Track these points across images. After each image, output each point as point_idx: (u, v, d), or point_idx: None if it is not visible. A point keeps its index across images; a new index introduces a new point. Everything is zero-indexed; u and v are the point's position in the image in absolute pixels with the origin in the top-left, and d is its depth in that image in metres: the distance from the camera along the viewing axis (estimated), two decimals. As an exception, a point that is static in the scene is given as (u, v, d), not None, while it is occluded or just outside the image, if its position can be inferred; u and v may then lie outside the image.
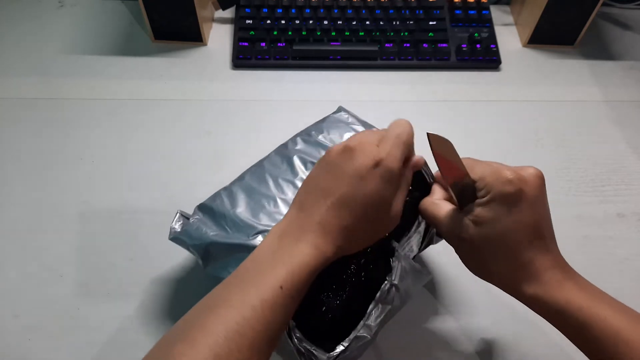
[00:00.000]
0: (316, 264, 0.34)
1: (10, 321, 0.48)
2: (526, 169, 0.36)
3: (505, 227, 0.34)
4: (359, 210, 0.35)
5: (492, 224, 0.34)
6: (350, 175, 0.35)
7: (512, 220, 0.34)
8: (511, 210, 0.34)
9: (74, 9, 0.76)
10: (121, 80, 0.68)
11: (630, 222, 0.57)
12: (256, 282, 0.32)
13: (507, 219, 0.34)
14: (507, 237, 0.34)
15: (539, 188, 0.35)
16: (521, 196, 0.34)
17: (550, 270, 0.34)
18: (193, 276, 0.51)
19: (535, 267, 0.34)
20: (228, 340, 0.29)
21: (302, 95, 0.67)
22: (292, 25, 0.71)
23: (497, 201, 0.34)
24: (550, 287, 0.34)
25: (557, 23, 0.71)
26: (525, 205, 0.34)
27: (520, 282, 0.35)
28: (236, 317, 0.30)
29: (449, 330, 0.49)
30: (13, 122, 0.63)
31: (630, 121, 0.67)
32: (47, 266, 0.52)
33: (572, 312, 0.33)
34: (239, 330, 0.30)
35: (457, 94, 0.69)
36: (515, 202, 0.34)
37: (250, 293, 0.32)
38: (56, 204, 0.56)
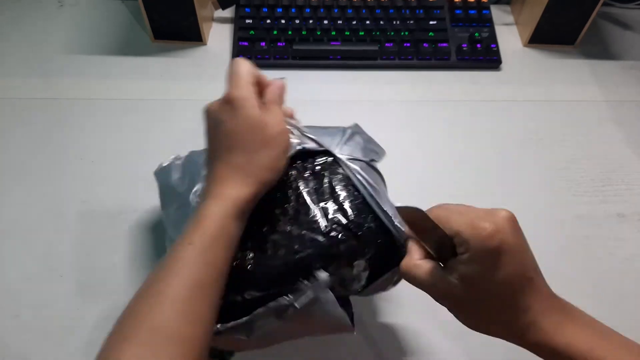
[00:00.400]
0: (225, 209, 0.36)
1: (10, 321, 0.48)
2: (498, 214, 0.34)
3: (494, 281, 0.33)
4: (234, 145, 0.38)
5: (479, 281, 0.34)
6: (213, 124, 0.40)
7: (500, 273, 0.33)
8: (496, 264, 0.33)
9: (74, 9, 0.76)
10: (121, 80, 0.68)
11: (631, 222, 0.57)
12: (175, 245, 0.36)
13: (494, 273, 0.33)
14: (498, 291, 0.34)
15: (517, 232, 0.34)
16: (503, 248, 0.33)
17: (547, 312, 0.34)
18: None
19: (532, 313, 0.34)
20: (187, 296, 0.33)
21: (302, 95, 0.67)
22: (292, 25, 0.71)
23: (480, 258, 0.33)
24: (549, 333, 0.34)
25: (558, 23, 0.71)
26: (509, 256, 0.33)
27: (520, 331, 0.34)
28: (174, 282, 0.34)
29: (449, 329, 0.49)
30: (13, 122, 0.63)
31: (631, 121, 0.67)
32: (47, 266, 0.52)
33: (574, 357, 0.33)
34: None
35: (457, 93, 0.69)
36: (498, 256, 0.33)
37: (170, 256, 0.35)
38: (56, 204, 0.56)
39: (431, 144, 0.63)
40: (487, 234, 0.33)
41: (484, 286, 0.34)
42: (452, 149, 0.63)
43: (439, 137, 0.64)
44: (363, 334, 0.49)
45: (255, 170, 0.38)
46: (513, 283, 0.34)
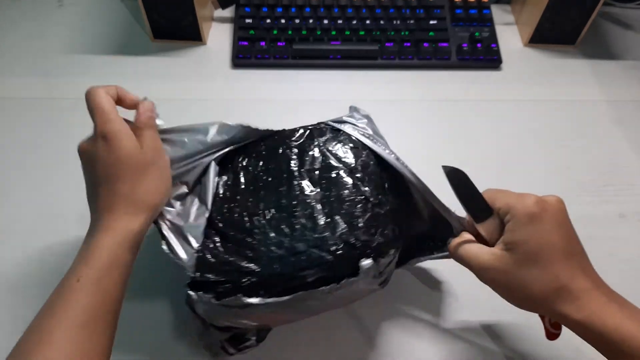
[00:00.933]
0: (116, 240, 0.36)
1: (10, 321, 0.48)
2: (548, 196, 0.37)
3: (537, 244, 0.35)
4: (116, 176, 0.38)
5: (523, 246, 0.35)
6: (91, 162, 0.39)
7: (542, 238, 0.35)
8: (538, 229, 0.35)
9: (74, 8, 0.76)
10: (121, 80, 0.67)
11: (632, 222, 0.57)
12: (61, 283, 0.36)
13: (537, 236, 0.35)
14: (541, 255, 0.35)
15: (562, 211, 0.36)
16: (545, 215, 0.35)
17: (595, 293, 0.34)
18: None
19: (577, 289, 0.34)
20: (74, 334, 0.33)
21: (302, 95, 0.67)
22: (292, 25, 0.70)
23: (523, 222, 0.35)
24: (596, 312, 0.34)
25: (558, 22, 0.71)
26: (550, 224, 0.35)
27: (563, 304, 0.34)
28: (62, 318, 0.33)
29: (449, 330, 0.49)
30: (13, 122, 0.63)
31: (631, 121, 0.67)
32: (47, 266, 0.52)
33: (625, 338, 0.33)
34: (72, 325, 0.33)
35: (458, 93, 0.68)
36: (540, 221, 0.35)
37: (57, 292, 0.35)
38: (56, 204, 0.56)
39: (431, 143, 0.63)
40: (531, 202, 0.35)
41: (528, 249, 0.35)
42: (452, 149, 0.63)
43: (439, 137, 0.64)
44: (363, 335, 0.49)
45: (142, 197, 0.38)
46: (556, 249, 0.35)
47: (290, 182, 0.43)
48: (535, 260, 0.35)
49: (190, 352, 0.47)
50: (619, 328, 0.33)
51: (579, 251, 0.36)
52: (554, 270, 0.34)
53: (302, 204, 0.41)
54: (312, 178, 0.43)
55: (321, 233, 0.39)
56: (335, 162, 0.44)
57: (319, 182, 0.43)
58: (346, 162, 0.44)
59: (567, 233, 0.36)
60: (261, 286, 0.38)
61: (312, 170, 0.43)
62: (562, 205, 0.36)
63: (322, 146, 0.45)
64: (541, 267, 0.34)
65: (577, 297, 0.34)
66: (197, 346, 0.47)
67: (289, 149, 0.45)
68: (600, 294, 0.34)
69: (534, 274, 0.35)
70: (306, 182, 0.43)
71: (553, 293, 0.34)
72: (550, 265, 0.34)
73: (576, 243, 0.36)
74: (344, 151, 0.45)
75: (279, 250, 0.39)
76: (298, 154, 0.45)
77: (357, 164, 0.44)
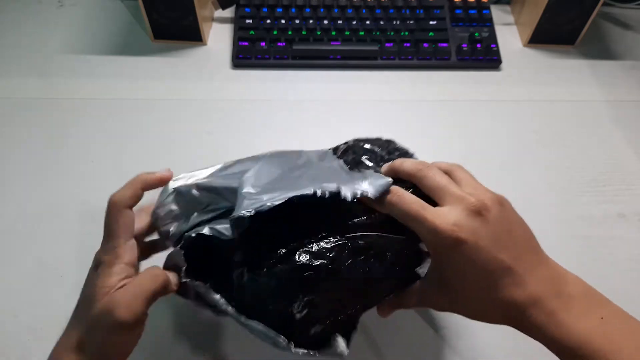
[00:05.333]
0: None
1: (10, 321, 0.48)
2: (453, 210, 0.34)
3: (464, 279, 0.33)
4: (79, 317, 0.36)
5: (452, 281, 0.34)
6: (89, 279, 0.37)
7: (466, 270, 0.33)
8: (457, 261, 0.33)
9: (74, 8, 0.76)
10: (121, 80, 0.68)
11: (631, 222, 0.57)
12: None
13: (459, 271, 0.33)
14: (472, 288, 0.33)
15: (481, 223, 0.33)
16: (461, 246, 0.32)
17: (538, 304, 0.32)
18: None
19: (518, 305, 0.32)
20: None
21: (302, 95, 0.67)
22: (292, 25, 0.71)
23: (440, 260, 0.34)
24: (542, 324, 0.32)
25: (558, 23, 0.71)
26: (470, 252, 0.32)
27: (514, 322, 0.33)
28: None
29: (449, 330, 0.49)
30: (13, 122, 0.63)
31: (631, 121, 0.67)
32: (47, 266, 0.52)
33: (570, 349, 0.31)
34: None
35: (457, 94, 0.68)
36: (457, 253, 0.33)
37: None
38: (56, 204, 0.56)
39: (431, 144, 0.63)
40: (443, 236, 0.32)
41: (459, 286, 0.34)
42: (452, 149, 0.63)
43: (439, 137, 0.64)
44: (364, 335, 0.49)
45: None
46: (484, 278, 0.32)
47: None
48: (470, 294, 0.33)
49: (191, 352, 0.47)
50: (564, 337, 0.31)
51: (510, 263, 0.32)
52: (492, 300, 0.33)
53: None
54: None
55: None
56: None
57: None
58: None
59: (488, 251, 0.32)
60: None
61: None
62: (477, 214, 0.33)
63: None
64: (478, 299, 0.33)
65: (521, 314, 0.32)
66: (198, 346, 0.47)
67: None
68: (545, 303, 0.32)
69: (476, 306, 0.34)
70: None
71: (500, 317, 0.34)
72: (486, 295, 0.33)
73: (503, 254, 0.32)
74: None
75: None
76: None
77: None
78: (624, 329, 0.31)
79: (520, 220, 0.36)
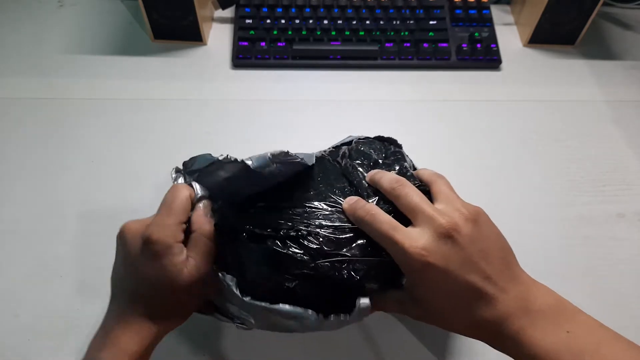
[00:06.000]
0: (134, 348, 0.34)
1: (10, 321, 0.48)
2: (420, 231, 0.35)
3: (437, 299, 0.34)
4: (148, 297, 0.35)
5: (426, 298, 0.35)
6: (127, 264, 0.36)
7: (437, 292, 0.34)
8: (428, 284, 0.34)
9: (74, 8, 0.76)
10: (121, 80, 0.68)
11: (631, 222, 0.57)
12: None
13: (431, 291, 0.34)
14: (444, 307, 0.34)
15: (448, 244, 0.33)
16: (428, 270, 0.33)
17: (510, 320, 0.33)
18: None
19: (491, 324, 0.33)
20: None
21: (302, 95, 0.67)
22: (292, 25, 0.71)
23: (413, 280, 0.35)
24: (514, 340, 0.32)
25: (558, 23, 0.71)
26: (437, 275, 0.33)
27: (490, 339, 0.34)
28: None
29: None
30: (13, 122, 0.63)
31: (631, 121, 0.67)
32: (47, 266, 0.52)
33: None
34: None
35: (457, 94, 0.69)
36: (427, 276, 0.33)
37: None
38: (56, 204, 0.56)
39: (431, 144, 0.63)
40: (411, 258, 0.33)
41: (430, 304, 0.34)
42: (451, 149, 0.63)
43: (439, 137, 0.64)
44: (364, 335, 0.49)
45: (161, 319, 0.36)
46: (454, 299, 0.33)
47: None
48: (443, 312, 0.34)
49: (191, 352, 0.47)
50: (535, 352, 0.32)
51: (480, 284, 0.33)
52: (465, 319, 0.34)
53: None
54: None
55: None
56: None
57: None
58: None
59: (456, 274, 0.33)
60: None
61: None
62: (443, 235, 0.33)
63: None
64: (452, 318, 0.34)
65: (496, 332, 0.33)
66: (198, 346, 0.47)
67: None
68: (514, 321, 0.32)
69: (452, 323, 0.35)
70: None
71: (476, 334, 0.34)
72: (459, 314, 0.34)
73: (472, 273, 0.33)
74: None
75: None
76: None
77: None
78: (590, 342, 0.32)
79: (496, 235, 0.36)
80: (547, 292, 0.34)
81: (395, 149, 0.46)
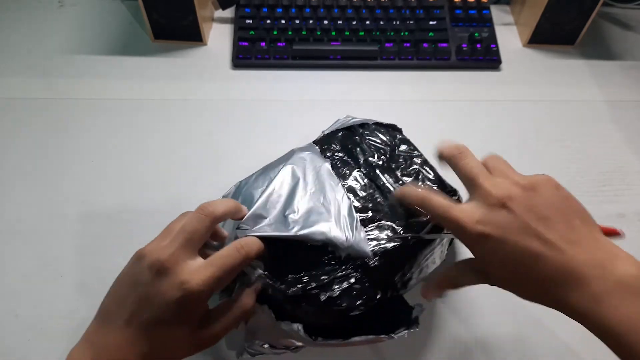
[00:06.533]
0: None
1: (10, 321, 0.48)
2: (505, 187, 0.36)
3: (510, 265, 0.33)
4: (154, 328, 0.33)
5: (496, 271, 0.35)
6: (138, 292, 0.34)
7: (509, 257, 0.33)
8: (496, 250, 0.34)
9: (74, 9, 0.76)
10: (121, 80, 0.68)
11: (631, 222, 0.57)
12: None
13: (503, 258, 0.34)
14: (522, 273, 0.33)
15: (512, 210, 0.34)
16: (496, 232, 0.34)
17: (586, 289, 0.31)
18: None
19: (572, 294, 0.31)
20: None
21: (302, 95, 0.67)
22: (292, 25, 0.71)
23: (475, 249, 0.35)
24: (592, 310, 0.31)
25: (558, 23, 0.71)
26: (497, 242, 0.33)
27: (569, 308, 0.32)
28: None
29: (450, 329, 0.49)
30: (13, 122, 0.63)
31: (631, 121, 0.67)
32: (47, 266, 0.52)
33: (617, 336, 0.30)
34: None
35: (457, 94, 0.69)
36: (493, 240, 0.34)
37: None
38: (56, 204, 0.56)
39: (431, 144, 0.63)
40: (473, 220, 0.34)
41: (496, 273, 0.34)
42: (452, 149, 0.63)
43: (439, 137, 0.64)
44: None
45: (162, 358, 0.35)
46: (516, 266, 0.33)
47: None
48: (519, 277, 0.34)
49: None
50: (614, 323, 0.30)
51: (542, 249, 0.32)
52: (539, 283, 0.33)
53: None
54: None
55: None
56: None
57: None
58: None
59: (519, 239, 0.33)
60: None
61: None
62: (514, 199, 0.34)
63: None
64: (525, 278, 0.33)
65: (575, 304, 0.31)
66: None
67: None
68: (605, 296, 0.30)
69: (526, 286, 0.34)
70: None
71: (551, 302, 0.33)
72: (532, 279, 0.33)
73: (542, 234, 0.32)
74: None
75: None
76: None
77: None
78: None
79: (562, 199, 0.36)
80: (631, 262, 0.32)
81: (401, 136, 0.51)
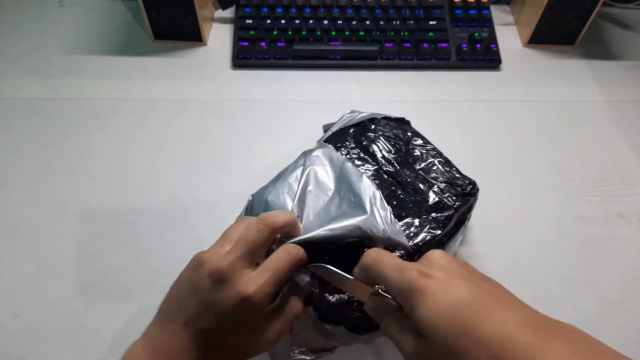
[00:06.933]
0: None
1: (10, 321, 0.48)
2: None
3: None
4: (211, 334, 0.33)
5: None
6: (198, 298, 0.33)
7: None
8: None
9: (74, 9, 0.76)
10: (121, 80, 0.68)
11: (631, 222, 0.57)
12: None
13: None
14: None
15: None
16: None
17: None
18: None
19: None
20: None
21: (302, 95, 0.67)
22: (292, 25, 0.71)
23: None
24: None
25: (558, 23, 0.71)
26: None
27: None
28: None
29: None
30: (13, 122, 0.63)
31: (630, 121, 0.67)
32: (47, 266, 0.52)
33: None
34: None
35: (457, 94, 0.69)
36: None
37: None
38: (56, 204, 0.56)
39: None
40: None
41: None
42: (451, 149, 0.63)
43: (439, 137, 0.64)
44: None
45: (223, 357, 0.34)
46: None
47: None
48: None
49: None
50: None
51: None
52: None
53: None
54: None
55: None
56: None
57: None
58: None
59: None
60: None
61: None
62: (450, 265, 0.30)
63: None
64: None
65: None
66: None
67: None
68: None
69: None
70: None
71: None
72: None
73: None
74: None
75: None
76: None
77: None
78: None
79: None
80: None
81: (413, 129, 0.53)
